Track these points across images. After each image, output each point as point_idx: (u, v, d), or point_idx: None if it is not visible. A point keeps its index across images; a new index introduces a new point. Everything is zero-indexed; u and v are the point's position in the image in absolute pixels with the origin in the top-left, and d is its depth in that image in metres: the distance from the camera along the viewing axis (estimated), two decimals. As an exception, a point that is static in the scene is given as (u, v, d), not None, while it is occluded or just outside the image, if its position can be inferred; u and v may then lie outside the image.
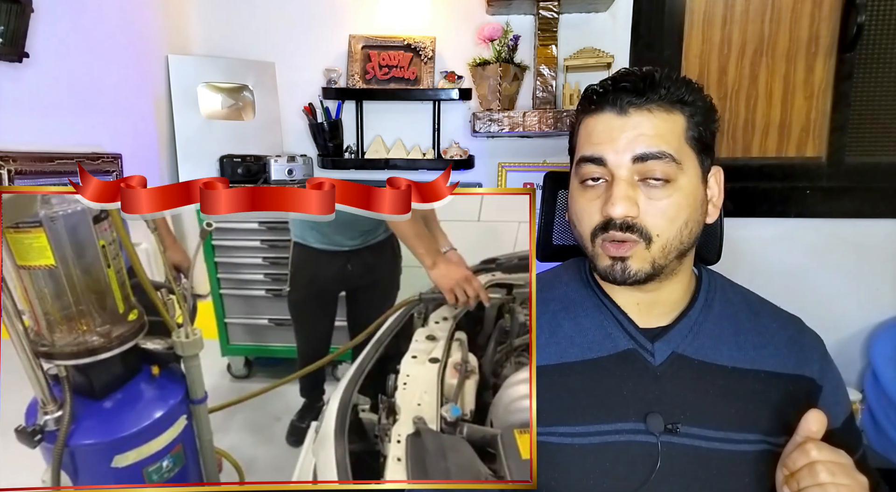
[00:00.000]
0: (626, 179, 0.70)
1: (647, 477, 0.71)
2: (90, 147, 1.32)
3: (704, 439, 0.73)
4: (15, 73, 1.09)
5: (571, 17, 1.81)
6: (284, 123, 1.88)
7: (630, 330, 0.77)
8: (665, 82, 0.71)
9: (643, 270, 0.71)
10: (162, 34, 1.67)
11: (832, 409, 0.76)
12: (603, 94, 0.72)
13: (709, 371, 0.75)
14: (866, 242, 1.82)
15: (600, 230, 0.71)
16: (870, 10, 1.78)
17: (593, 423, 0.74)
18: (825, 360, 0.79)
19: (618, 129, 0.70)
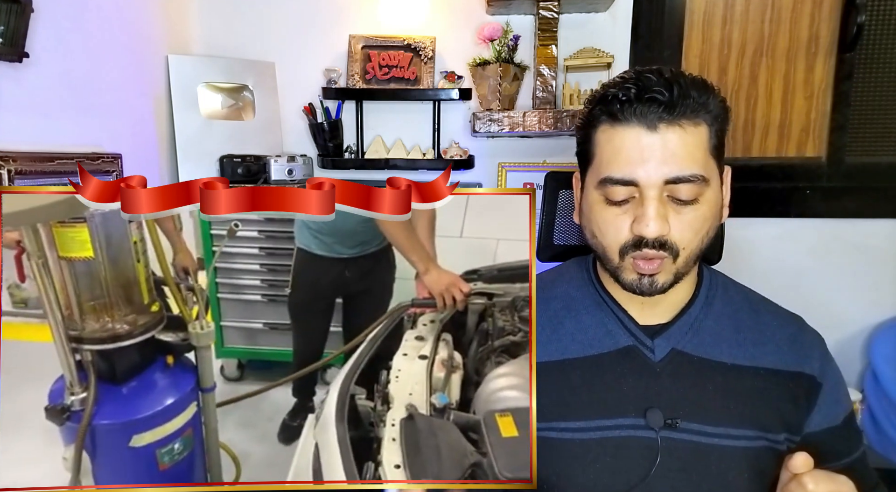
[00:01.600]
0: (658, 197, 0.68)
1: (647, 472, 0.72)
2: (90, 147, 1.32)
3: (704, 434, 0.73)
4: (15, 73, 1.09)
5: (571, 17, 1.81)
6: (284, 123, 1.89)
7: (630, 327, 0.78)
8: (691, 90, 0.68)
9: (668, 282, 0.72)
10: (162, 34, 1.68)
11: (832, 407, 0.77)
12: (628, 105, 0.68)
13: (708, 368, 0.75)
14: (866, 242, 1.82)
15: (630, 248, 0.70)
16: (870, 10, 1.78)
17: (594, 418, 0.75)
18: (825, 358, 0.79)
19: (648, 148, 0.67)
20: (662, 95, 0.67)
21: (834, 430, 0.77)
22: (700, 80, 0.70)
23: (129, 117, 1.51)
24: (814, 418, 0.76)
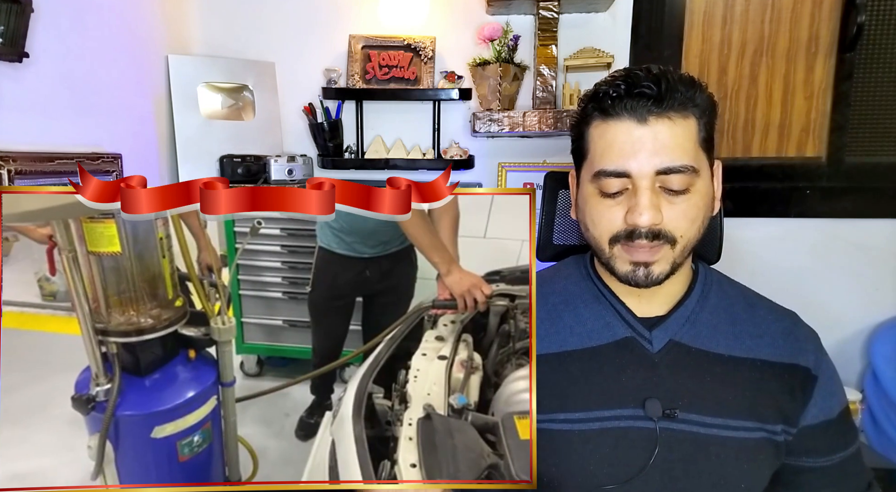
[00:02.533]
0: (650, 187, 0.70)
1: (646, 462, 0.73)
2: (90, 147, 1.32)
3: (702, 425, 0.74)
4: (15, 73, 1.09)
5: (571, 17, 1.81)
6: (284, 123, 1.89)
7: (628, 319, 0.78)
8: (678, 85, 0.70)
9: (664, 272, 0.72)
10: (162, 34, 1.68)
11: (827, 400, 0.78)
12: (618, 100, 0.71)
13: (706, 359, 0.76)
14: (866, 242, 1.82)
15: (623, 238, 0.72)
16: (870, 10, 1.78)
17: (593, 409, 0.75)
18: (820, 351, 0.79)
19: (638, 140, 0.70)
20: (651, 89, 0.69)
21: (830, 423, 0.78)
22: (687, 76, 0.73)
23: (129, 117, 1.51)
24: (810, 410, 0.77)
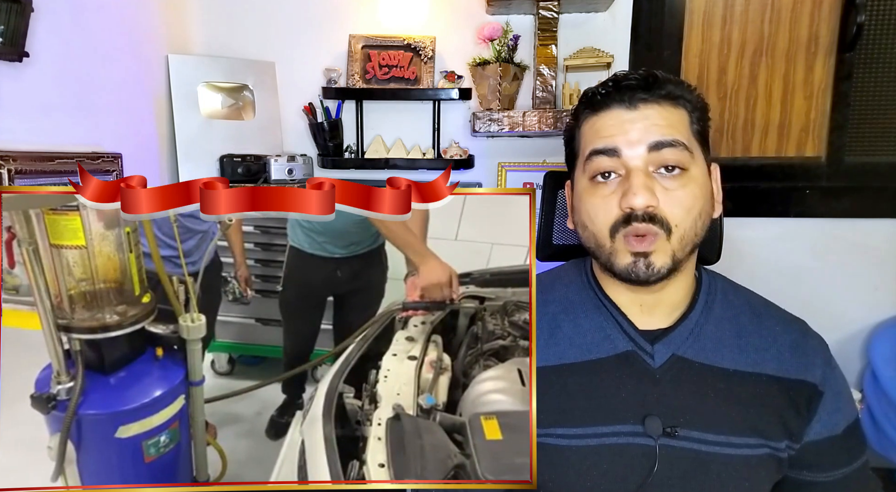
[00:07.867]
0: (643, 170, 0.69)
1: (644, 479, 0.71)
2: (90, 147, 1.32)
3: (704, 442, 0.72)
4: (15, 73, 1.09)
5: (571, 17, 1.81)
6: (284, 123, 1.89)
7: (629, 331, 0.76)
8: (667, 82, 0.72)
9: (665, 266, 0.70)
10: (162, 34, 1.68)
11: (832, 416, 0.75)
12: (608, 94, 0.73)
13: (709, 374, 0.74)
14: (866, 242, 1.82)
15: (621, 225, 0.70)
16: (870, 10, 1.78)
17: (591, 425, 0.73)
18: (828, 365, 0.77)
19: (629, 121, 0.71)
20: (638, 81, 0.71)
21: (834, 439, 0.75)
22: (676, 78, 0.74)
23: (129, 117, 1.50)
24: (813, 426, 0.75)
